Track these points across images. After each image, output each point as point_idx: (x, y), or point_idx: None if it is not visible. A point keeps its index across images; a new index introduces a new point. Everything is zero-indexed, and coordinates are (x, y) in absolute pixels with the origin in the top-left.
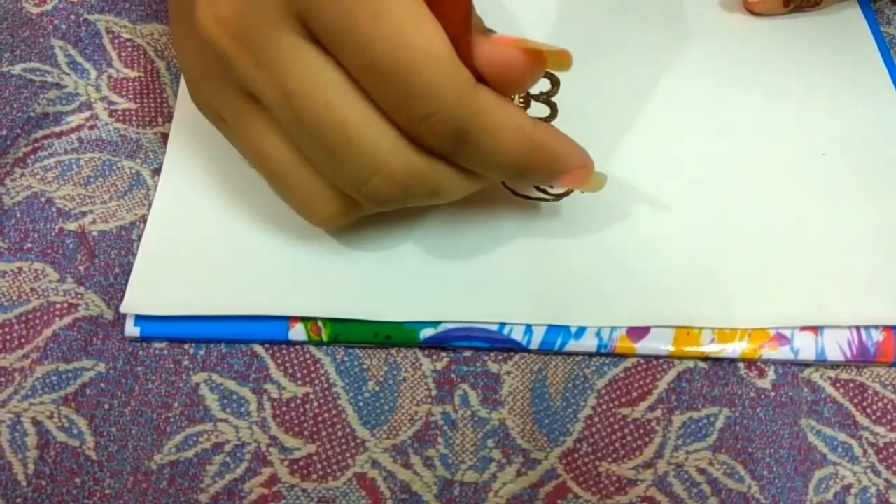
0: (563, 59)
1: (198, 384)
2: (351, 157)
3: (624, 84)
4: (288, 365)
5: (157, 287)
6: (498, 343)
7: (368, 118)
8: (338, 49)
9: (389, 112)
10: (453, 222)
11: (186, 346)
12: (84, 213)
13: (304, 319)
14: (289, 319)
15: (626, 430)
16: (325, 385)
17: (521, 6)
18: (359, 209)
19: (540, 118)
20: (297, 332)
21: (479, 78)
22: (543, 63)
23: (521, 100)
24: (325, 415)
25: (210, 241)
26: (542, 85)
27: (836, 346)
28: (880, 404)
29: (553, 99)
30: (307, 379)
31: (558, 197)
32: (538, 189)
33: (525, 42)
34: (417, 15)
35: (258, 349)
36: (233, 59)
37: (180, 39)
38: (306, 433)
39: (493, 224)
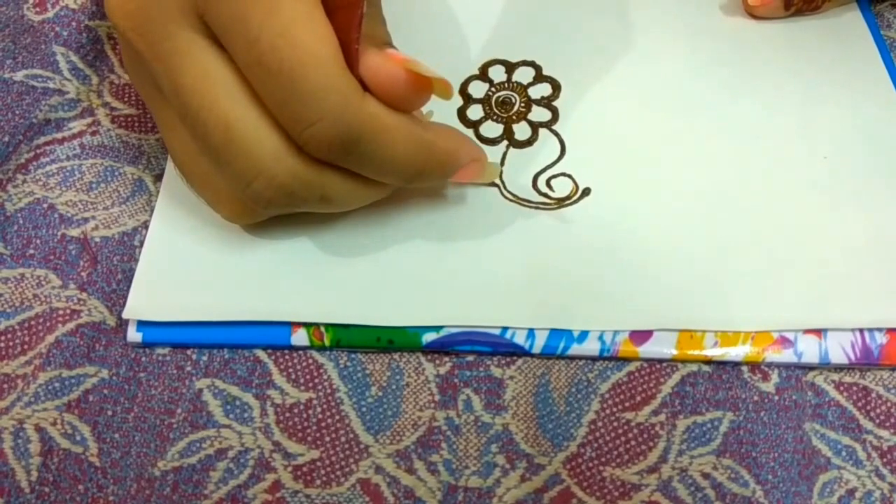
0: (446, 89)
1: (201, 390)
2: (233, 158)
3: (624, 88)
4: (291, 370)
5: (160, 292)
6: (500, 347)
7: (254, 119)
8: (229, 44)
9: (277, 115)
10: (455, 227)
11: (189, 352)
12: (86, 220)
13: (306, 325)
14: (291, 324)
15: (630, 435)
16: (328, 390)
17: (521, 11)
18: (261, 214)
19: (542, 123)
20: (300, 338)
21: (367, 89)
22: (428, 88)
23: (523, 103)
24: (329, 420)
25: (212, 246)
26: (544, 89)
27: (839, 349)
28: (884, 407)
29: (554, 103)
30: (310, 384)
31: (560, 203)
32: (539, 194)
33: (414, 64)
34: (311, 16)
35: (261, 355)
36: (137, 50)
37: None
38: (309, 439)
39: (494, 228)
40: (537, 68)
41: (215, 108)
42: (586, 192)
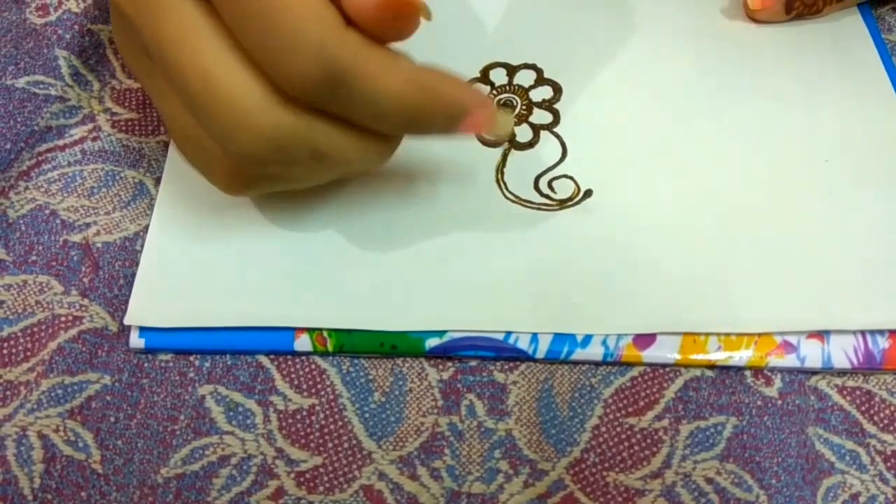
0: (422, 9)
1: (203, 396)
2: (216, 110)
3: (625, 91)
4: (293, 376)
5: (161, 298)
6: (504, 352)
7: (236, 69)
8: None
9: (259, 60)
10: (457, 230)
11: (192, 358)
12: (88, 225)
13: (309, 330)
14: (294, 330)
15: (634, 440)
16: (331, 396)
17: (522, 14)
18: (258, 179)
19: (543, 125)
20: (303, 343)
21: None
22: (411, 10)
23: (524, 106)
24: (332, 426)
25: (214, 250)
26: (545, 92)
27: (842, 354)
28: (887, 412)
29: (556, 106)
30: (313, 390)
31: (562, 204)
32: (541, 195)
33: None
34: None
35: (264, 360)
36: (123, 10)
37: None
38: (312, 445)
39: (497, 232)
40: (538, 71)
41: (194, 57)
42: (588, 193)
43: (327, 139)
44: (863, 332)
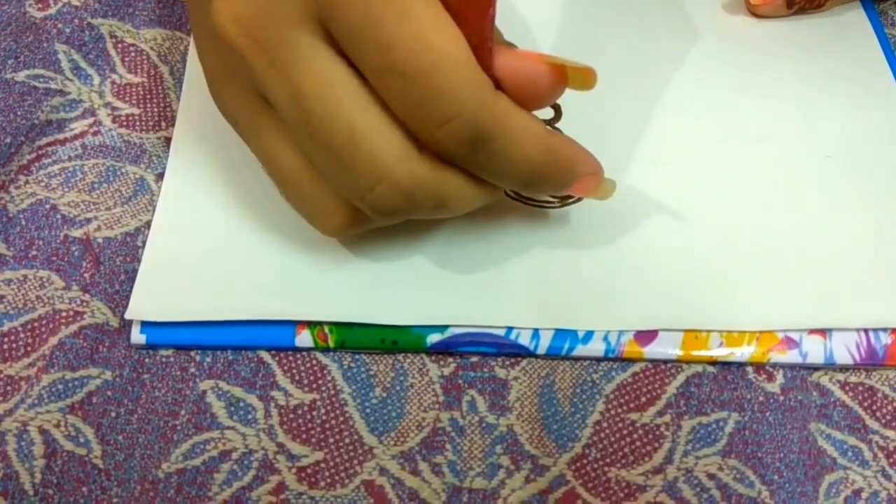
0: (588, 77)
1: (204, 391)
2: (357, 163)
3: (628, 88)
4: (295, 371)
5: (163, 293)
6: (505, 348)
7: (379, 124)
8: (357, 50)
9: (405, 117)
10: (460, 227)
11: (193, 353)
12: (89, 220)
13: (310, 325)
14: (295, 325)
15: (635, 436)
16: (332, 391)
17: (524, 12)
18: (366, 221)
19: (543, 120)
20: (304, 339)
21: (498, 88)
22: (566, 80)
23: None
24: (333, 422)
25: (215, 245)
26: None
27: (844, 350)
28: (890, 408)
29: (557, 102)
30: (314, 385)
31: (563, 202)
32: None
33: (551, 57)
34: (440, 19)
35: (265, 356)
36: (247, 58)
37: (200, 39)
38: (314, 440)
39: (499, 229)
40: None
41: (339, 113)
42: None
43: (453, 189)
44: (865, 328)
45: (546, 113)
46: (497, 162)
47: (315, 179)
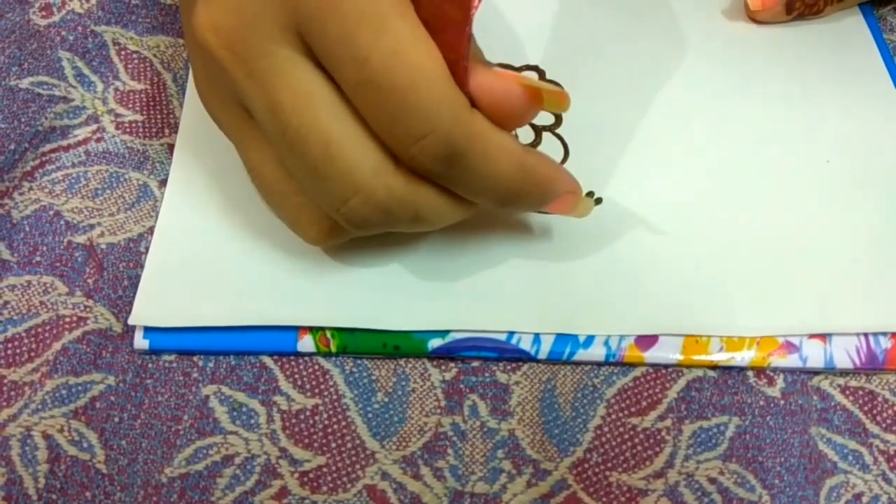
0: (561, 100)
1: (207, 396)
2: (332, 175)
3: (628, 93)
4: (297, 376)
5: (166, 299)
6: (506, 353)
7: (354, 137)
8: (334, 64)
9: (381, 131)
10: (461, 232)
11: (195, 359)
12: (92, 226)
13: (312, 331)
14: (297, 331)
15: (636, 440)
16: (334, 396)
17: (522, 16)
18: (345, 232)
19: (545, 126)
20: (306, 344)
21: (474, 106)
22: (541, 102)
23: None
24: (335, 426)
25: (217, 251)
26: None
27: (844, 354)
28: (890, 412)
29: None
30: (316, 390)
31: None
32: None
33: (525, 79)
34: (417, 35)
35: (267, 361)
36: (227, 69)
37: (189, 48)
38: (316, 445)
39: (500, 233)
40: (540, 72)
41: (315, 125)
42: (590, 195)
43: (429, 204)
44: (865, 333)
45: (547, 119)
46: (472, 179)
47: (295, 190)
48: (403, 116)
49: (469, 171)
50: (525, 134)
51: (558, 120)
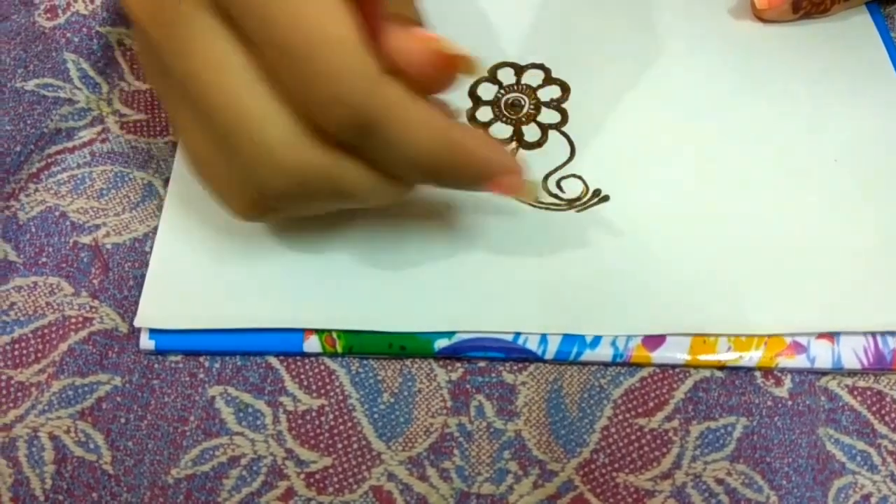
0: (471, 66)
1: (213, 397)
2: (242, 144)
3: (633, 90)
4: (303, 377)
5: (171, 300)
6: (513, 353)
7: (266, 105)
8: (245, 24)
9: (292, 98)
10: (466, 231)
11: (202, 359)
12: (97, 226)
13: (318, 331)
14: (303, 331)
15: (644, 441)
16: (341, 397)
17: (529, 13)
18: (272, 209)
19: (551, 125)
20: (312, 344)
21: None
22: (453, 67)
23: (532, 105)
24: (341, 427)
25: (222, 252)
26: (553, 91)
27: (852, 354)
28: None
29: (564, 105)
30: (322, 391)
31: (570, 204)
32: (550, 195)
33: (437, 42)
34: None
35: (273, 361)
36: (148, 35)
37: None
38: (322, 446)
39: (506, 233)
40: (546, 71)
41: (224, 90)
42: (596, 193)
43: (350, 178)
44: (873, 333)
45: (553, 116)
46: (388, 150)
47: (220, 161)
48: (309, 79)
49: (384, 141)
50: (532, 132)
51: (564, 118)
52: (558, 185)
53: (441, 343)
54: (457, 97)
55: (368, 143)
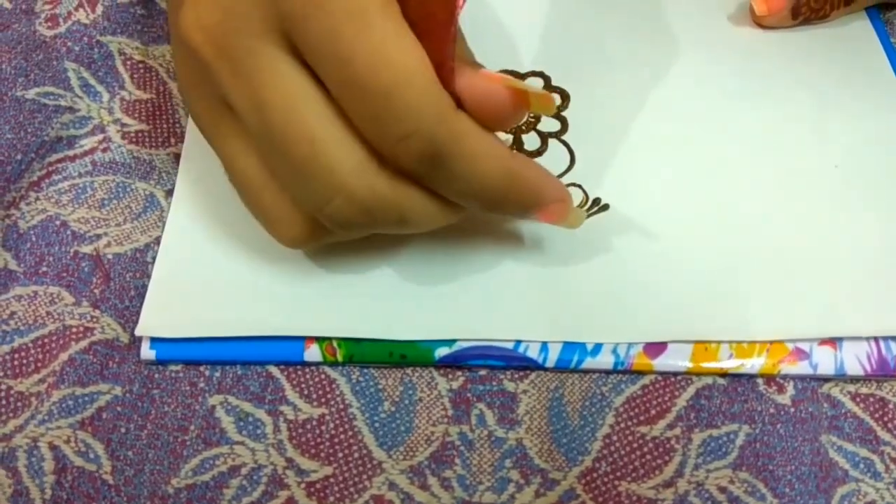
0: (548, 104)
1: (214, 406)
2: (315, 174)
3: (634, 98)
4: (303, 386)
5: (172, 309)
6: (513, 361)
7: (338, 136)
8: (319, 62)
9: (365, 131)
10: (468, 240)
11: (202, 369)
12: (99, 236)
13: (318, 340)
14: (304, 340)
15: (646, 449)
16: (341, 406)
17: (528, 22)
18: (326, 234)
19: (551, 132)
20: (313, 353)
21: (460, 106)
22: (527, 105)
23: (531, 116)
24: (342, 436)
25: (224, 261)
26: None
27: (855, 361)
28: None
29: (563, 114)
30: (323, 400)
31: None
32: None
33: (512, 81)
34: (401, 34)
35: (273, 370)
36: (211, 66)
37: (175, 45)
38: (322, 455)
39: (507, 241)
40: (546, 79)
41: (300, 123)
42: (596, 201)
43: (414, 206)
44: (875, 339)
45: (553, 125)
46: (455, 180)
47: (276, 189)
48: (386, 116)
49: (453, 172)
50: (531, 140)
51: (564, 126)
52: None
53: (442, 351)
54: None
55: (437, 173)
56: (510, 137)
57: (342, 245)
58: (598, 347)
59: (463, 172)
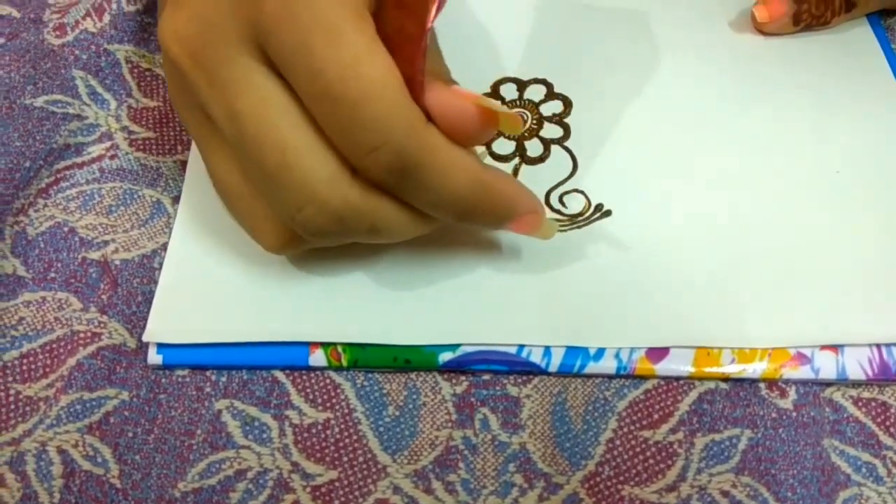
0: (516, 124)
1: (220, 411)
2: (287, 183)
3: (636, 104)
4: (309, 391)
5: (179, 315)
6: (517, 366)
7: (311, 145)
8: (291, 74)
9: (336, 141)
10: (470, 246)
11: (208, 373)
12: (106, 242)
13: (323, 345)
14: (309, 345)
15: (648, 453)
16: (346, 410)
17: (531, 29)
18: (303, 241)
19: (553, 139)
20: (317, 358)
21: (431, 121)
22: (495, 123)
23: (535, 121)
24: (346, 440)
25: (230, 267)
26: (555, 106)
27: (856, 365)
28: None
29: (566, 120)
30: (328, 404)
31: (573, 219)
32: (552, 210)
33: (482, 100)
34: (373, 47)
35: (279, 375)
36: (188, 76)
37: (163, 56)
38: (328, 459)
39: (509, 246)
40: (549, 86)
41: (272, 132)
42: (599, 207)
43: (386, 216)
44: (878, 344)
45: (556, 131)
46: (426, 192)
47: (254, 197)
48: (357, 127)
49: (423, 184)
50: (534, 147)
51: (567, 132)
52: (561, 201)
53: (445, 356)
54: None
55: (407, 185)
56: (513, 144)
57: (346, 251)
58: (600, 352)
59: (432, 184)
